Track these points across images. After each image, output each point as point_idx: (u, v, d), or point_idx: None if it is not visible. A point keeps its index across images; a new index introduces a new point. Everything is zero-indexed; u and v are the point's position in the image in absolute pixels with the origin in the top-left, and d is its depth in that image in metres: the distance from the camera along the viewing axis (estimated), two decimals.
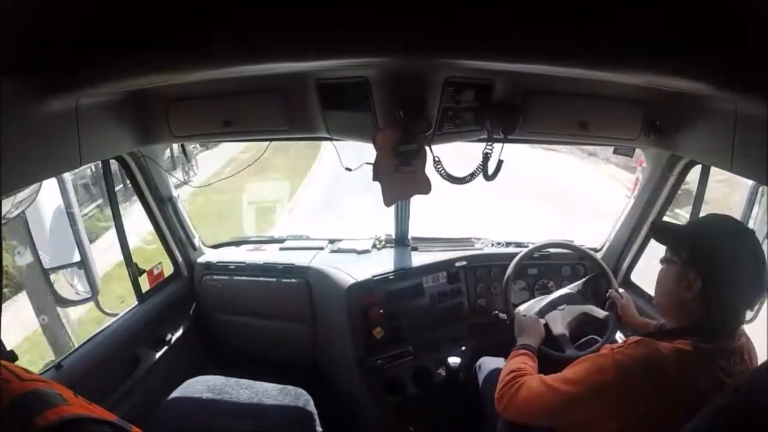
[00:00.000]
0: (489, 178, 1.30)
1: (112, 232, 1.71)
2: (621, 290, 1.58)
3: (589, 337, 1.57)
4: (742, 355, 0.94)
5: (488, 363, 1.66)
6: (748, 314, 1.39)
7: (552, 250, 1.88)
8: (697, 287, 0.95)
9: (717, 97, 0.99)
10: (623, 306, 1.50)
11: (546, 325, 1.54)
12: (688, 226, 1.07)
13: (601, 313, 1.54)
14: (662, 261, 1.06)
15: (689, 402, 0.82)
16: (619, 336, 1.57)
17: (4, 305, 0.71)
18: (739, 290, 0.94)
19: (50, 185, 1.34)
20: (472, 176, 1.31)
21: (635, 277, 1.88)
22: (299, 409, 1.55)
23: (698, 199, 1.59)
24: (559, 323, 1.54)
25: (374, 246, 2.06)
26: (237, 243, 2.21)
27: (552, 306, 1.60)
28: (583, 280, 1.71)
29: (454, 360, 1.73)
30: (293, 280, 1.92)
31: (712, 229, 1.02)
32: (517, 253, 1.73)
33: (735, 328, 0.96)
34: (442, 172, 1.28)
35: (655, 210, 1.72)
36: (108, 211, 1.85)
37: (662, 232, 1.12)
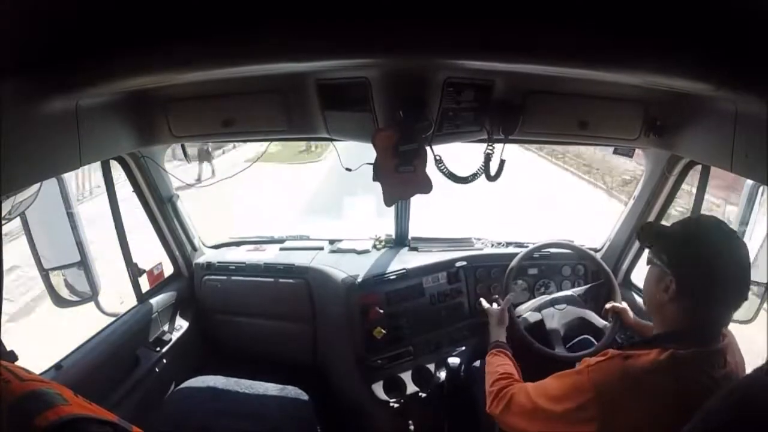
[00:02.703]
0: (491, 178, 1.30)
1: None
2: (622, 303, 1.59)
3: (583, 337, 1.58)
4: (726, 357, 0.92)
5: (484, 365, 1.66)
6: (747, 314, 1.40)
7: (552, 250, 1.89)
8: (672, 290, 0.94)
9: (717, 97, 0.99)
10: (623, 311, 1.52)
11: (541, 320, 1.59)
12: (670, 229, 1.04)
13: (600, 322, 1.56)
14: (647, 262, 1.05)
15: (674, 409, 0.81)
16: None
17: None
18: (718, 293, 0.91)
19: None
20: (474, 176, 1.31)
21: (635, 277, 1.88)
22: (299, 408, 1.56)
23: (698, 200, 1.59)
24: (555, 320, 1.58)
25: (374, 246, 2.06)
26: (237, 243, 2.21)
27: (551, 303, 1.63)
28: (587, 286, 1.74)
29: (453, 360, 1.73)
30: (293, 281, 1.92)
31: (691, 231, 0.99)
32: (517, 254, 1.73)
33: (716, 332, 0.94)
34: (445, 170, 1.28)
35: (654, 210, 1.73)
36: None
37: (646, 234, 1.11)
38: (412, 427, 1.65)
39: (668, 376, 0.87)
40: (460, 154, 1.51)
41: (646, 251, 1.04)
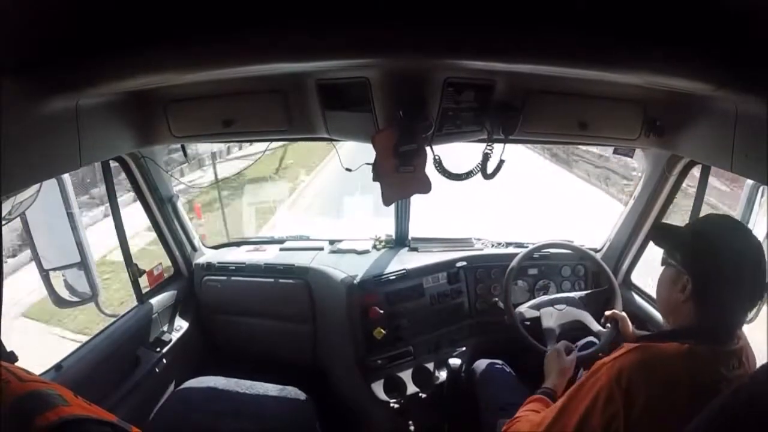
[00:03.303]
0: (488, 176, 1.30)
1: None
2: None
3: (587, 340, 1.58)
4: (741, 358, 0.92)
5: (484, 365, 1.66)
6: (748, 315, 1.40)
7: (552, 250, 1.89)
8: (688, 290, 0.94)
9: (717, 97, 0.99)
10: (622, 319, 1.50)
11: (538, 318, 1.60)
12: (685, 228, 1.04)
13: (596, 327, 1.56)
14: (662, 263, 1.05)
15: (689, 403, 0.80)
16: None
17: None
18: (733, 293, 0.90)
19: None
20: (469, 174, 1.31)
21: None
22: (299, 409, 1.55)
23: (698, 200, 1.59)
24: (553, 319, 1.59)
25: (374, 246, 2.06)
26: (237, 243, 2.21)
27: (551, 303, 1.64)
28: (590, 291, 1.74)
29: (454, 361, 1.73)
30: (293, 281, 1.92)
31: (706, 230, 0.99)
32: (517, 254, 1.73)
33: (732, 332, 0.93)
34: (440, 168, 1.29)
35: (654, 210, 1.72)
36: None
37: (660, 234, 1.11)
38: (412, 428, 1.64)
39: (686, 370, 0.87)
40: (460, 154, 1.51)
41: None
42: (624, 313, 1.52)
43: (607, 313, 1.54)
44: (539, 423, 1.02)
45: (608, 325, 1.52)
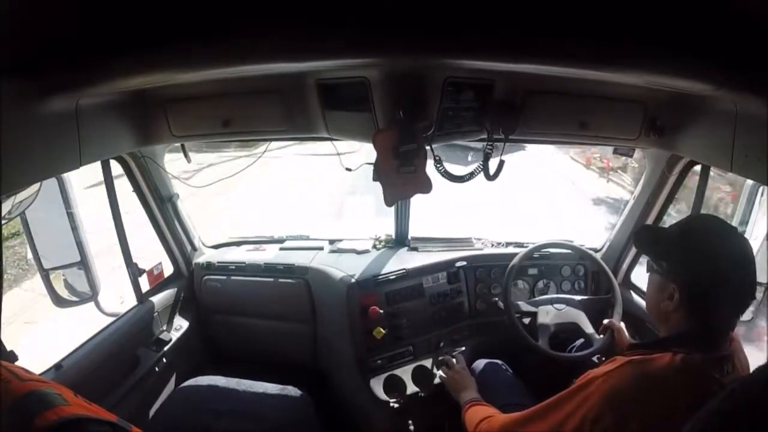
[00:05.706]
0: (490, 177, 1.30)
1: None
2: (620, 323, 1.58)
3: (582, 342, 1.59)
4: (734, 362, 0.90)
5: (484, 365, 1.66)
6: (747, 314, 1.39)
7: (552, 250, 1.89)
8: (676, 299, 0.91)
9: (717, 97, 0.99)
10: (618, 330, 1.50)
11: (535, 314, 1.62)
12: (668, 232, 0.98)
13: (590, 329, 1.57)
14: (647, 269, 1.02)
15: (684, 416, 0.80)
16: None
17: None
18: (723, 299, 0.88)
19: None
20: (471, 175, 1.31)
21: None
22: (299, 409, 1.56)
23: (698, 200, 1.59)
24: (549, 317, 1.60)
25: (374, 246, 2.05)
26: (237, 243, 2.21)
27: (551, 302, 1.65)
28: (590, 297, 1.74)
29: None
30: (293, 280, 1.92)
31: (689, 235, 0.94)
32: (516, 254, 1.73)
33: (724, 336, 0.91)
34: (442, 170, 1.29)
35: (655, 210, 1.73)
36: None
37: (642, 240, 1.07)
38: (412, 427, 1.64)
39: (682, 381, 0.85)
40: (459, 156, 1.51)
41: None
42: (621, 324, 1.51)
43: (605, 322, 1.54)
44: (515, 419, 1.02)
45: (603, 335, 1.52)
